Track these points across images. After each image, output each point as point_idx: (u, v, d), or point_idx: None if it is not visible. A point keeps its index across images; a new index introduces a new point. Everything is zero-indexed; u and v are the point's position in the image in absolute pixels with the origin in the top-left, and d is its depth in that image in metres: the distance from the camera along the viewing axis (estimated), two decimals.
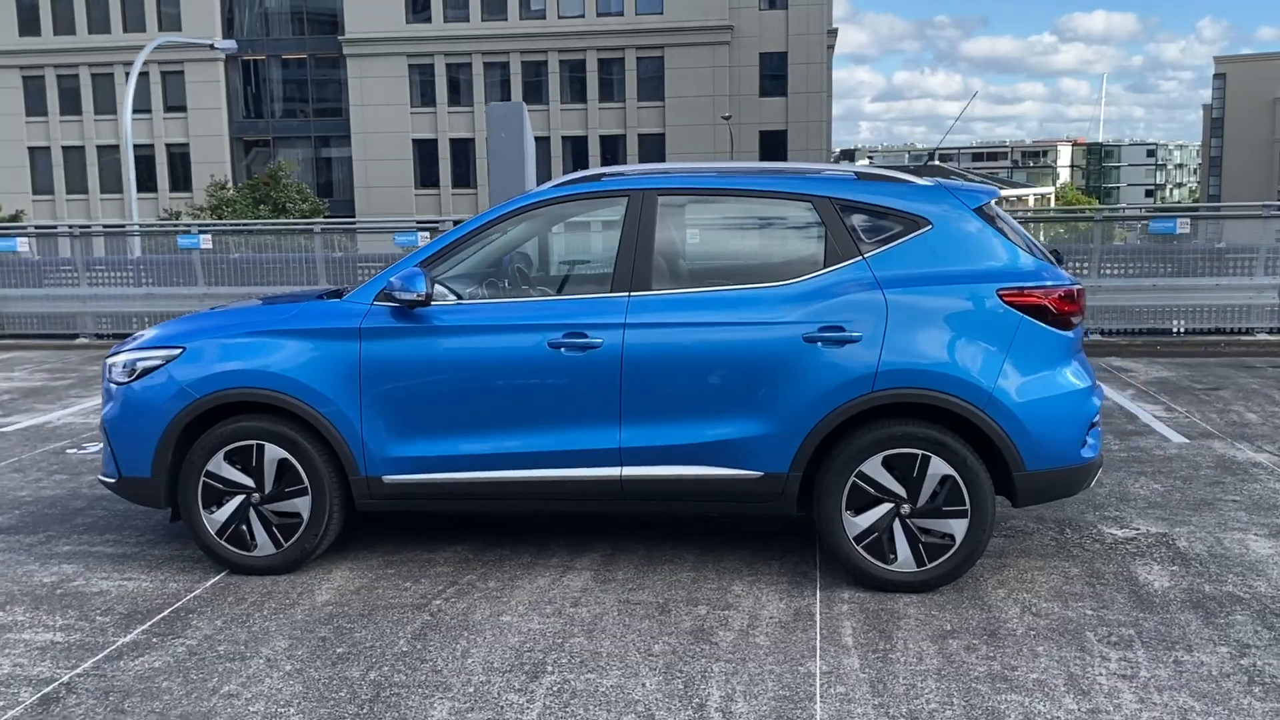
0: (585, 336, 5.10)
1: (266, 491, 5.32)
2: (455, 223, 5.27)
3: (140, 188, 57.18)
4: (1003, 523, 6.05)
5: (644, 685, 4.17)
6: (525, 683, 4.20)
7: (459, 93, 54.66)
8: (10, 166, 57.07)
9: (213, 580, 5.32)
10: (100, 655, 4.48)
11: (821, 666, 4.31)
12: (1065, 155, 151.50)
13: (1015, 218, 8.40)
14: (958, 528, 4.99)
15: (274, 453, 5.28)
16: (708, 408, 5.07)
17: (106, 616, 4.89)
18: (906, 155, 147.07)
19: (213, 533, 5.35)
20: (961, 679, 4.18)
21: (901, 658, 4.38)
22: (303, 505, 5.31)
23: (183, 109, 56.70)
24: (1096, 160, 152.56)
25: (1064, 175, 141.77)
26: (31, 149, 57.16)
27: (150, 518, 6.23)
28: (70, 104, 56.68)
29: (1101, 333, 13.25)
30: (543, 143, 54.71)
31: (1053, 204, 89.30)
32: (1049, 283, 5.04)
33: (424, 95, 54.88)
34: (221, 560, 5.39)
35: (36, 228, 28.84)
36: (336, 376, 5.21)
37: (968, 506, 4.96)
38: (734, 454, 5.07)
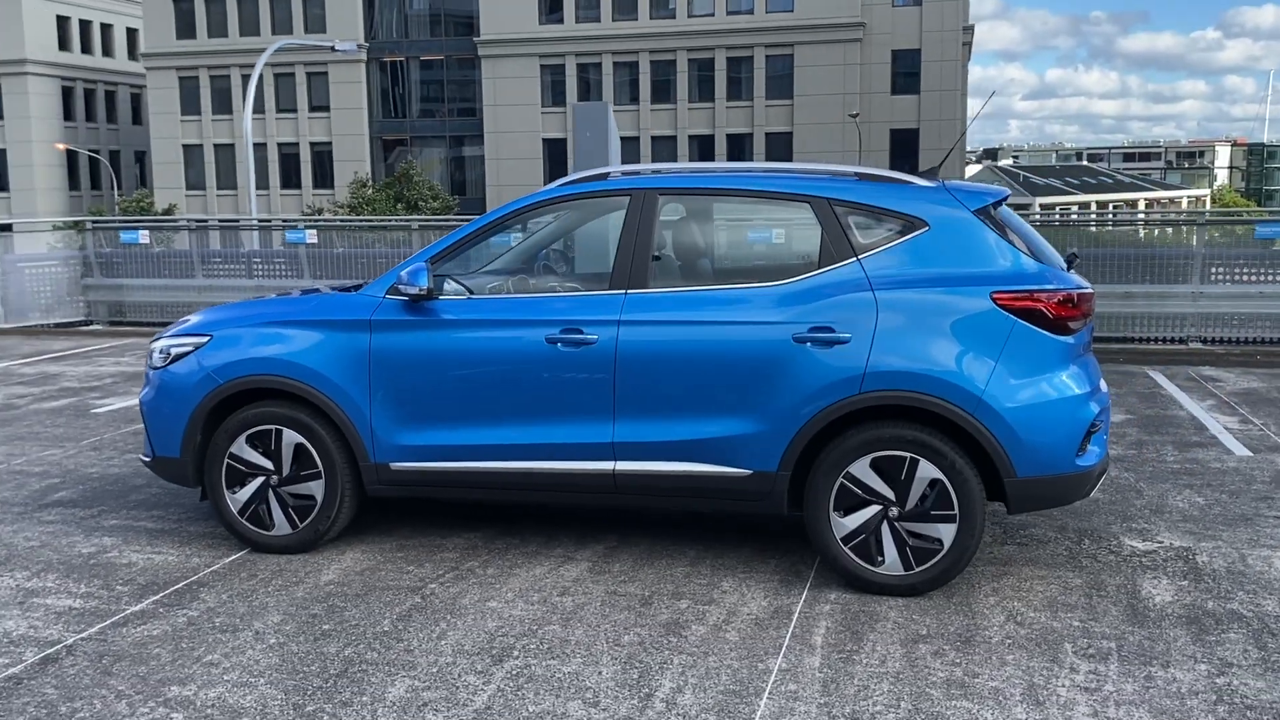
0: (581, 333, 5.22)
1: (284, 474, 5.58)
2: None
3: (285, 184, 59.71)
4: (1019, 531, 5.95)
5: (600, 673, 4.27)
6: (488, 665, 4.34)
7: (588, 92, 55.27)
8: (167, 163, 60.09)
9: (233, 557, 5.61)
10: (108, 622, 4.79)
11: (781, 664, 4.34)
12: (1224, 156, 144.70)
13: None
14: (946, 532, 4.94)
15: (291, 437, 5.54)
16: (698, 405, 5.13)
17: (126, 586, 5.22)
18: (1054, 155, 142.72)
19: (235, 512, 5.64)
20: (917, 683, 4.16)
21: (865, 659, 4.37)
22: (317, 488, 5.56)
23: (326, 109, 58.79)
24: (1259, 161, 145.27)
25: (1222, 177, 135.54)
26: (186, 146, 60.05)
27: (194, 496, 6.58)
28: (221, 103, 59.35)
29: (1202, 341, 12.75)
30: (669, 141, 55.03)
31: (1208, 207, 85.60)
32: (1047, 286, 4.95)
33: (555, 95, 55.73)
34: (243, 539, 5.68)
35: (192, 220, 30.24)
36: (348, 366, 5.44)
37: (956, 511, 4.91)
38: (724, 451, 5.12)
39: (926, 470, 4.92)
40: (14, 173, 62.41)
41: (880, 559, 5.01)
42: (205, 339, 5.67)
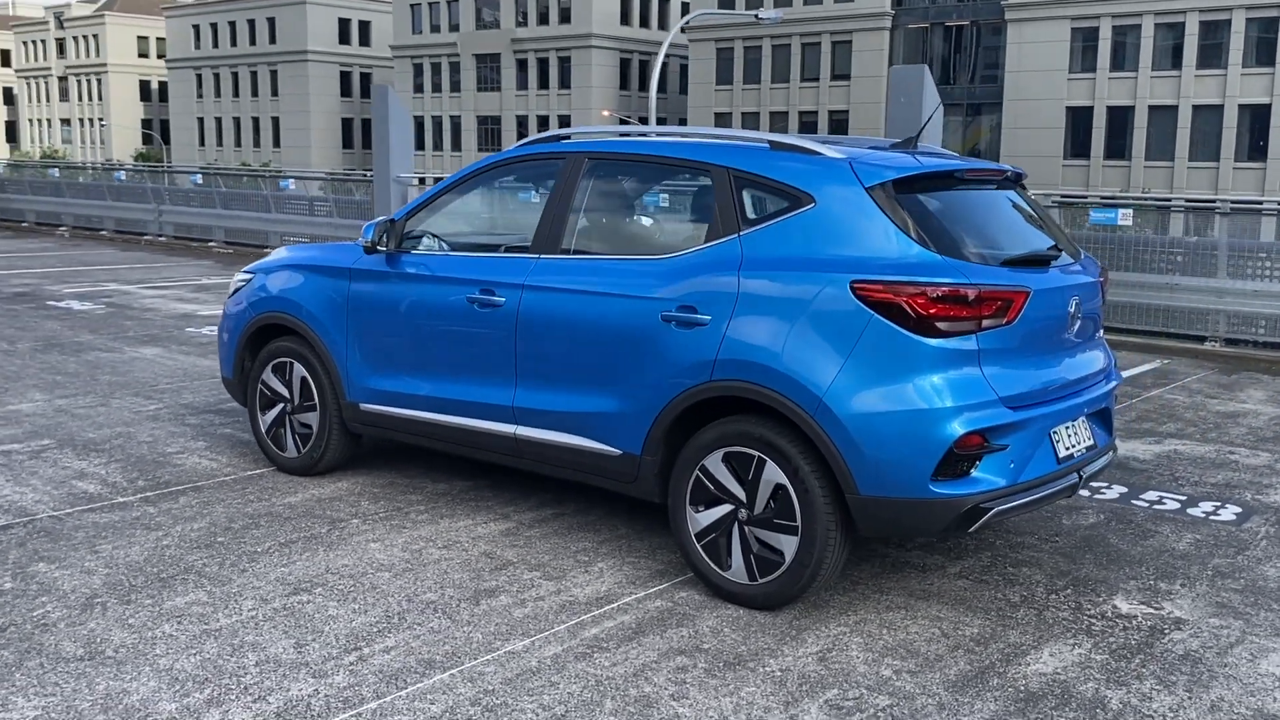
0: (493, 294, 5.24)
1: (295, 403, 6.18)
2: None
3: None
4: (1005, 567, 5.07)
5: (351, 622, 4.36)
6: (278, 594, 4.60)
7: (1122, 57, 50.90)
8: None
9: (253, 472, 6.31)
10: (88, 506, 5.66)
11: (516, 647, 4.17)
12: None
13: None
14: (788, 544, 4.41)
15: (299, 371, 6.11)
16: (580, 377, 4.97)
17: (147, 482, 6.09)
18: None
19: (263, 431, 6.35)
20: (607, 690, 3.83)
21: (603, 660, 4.07)
22: (313, 419, 6.09)
23: (847, 77, 59.44)
24: None
25: None
26: (717, 114, 63.61)
27: None
28: (751, 73, 62.00)
29: None
30: (1213, 111, 49.17)
31: None
32: (912, 279, 4.18)
33: (1084, 60, 51.99)
34: (267, 456, 6.38)
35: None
36: (334, 309, 5.89)
37: (798, 522, 4.36)
38: (600, 428, 4.92)
39: (772, 473, 4.41)
40: None
41: (728, 562, 4.58)
42: (250, 277, 6.40)
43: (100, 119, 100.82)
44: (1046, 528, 5.65)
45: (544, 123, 71.45)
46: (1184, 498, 6.21)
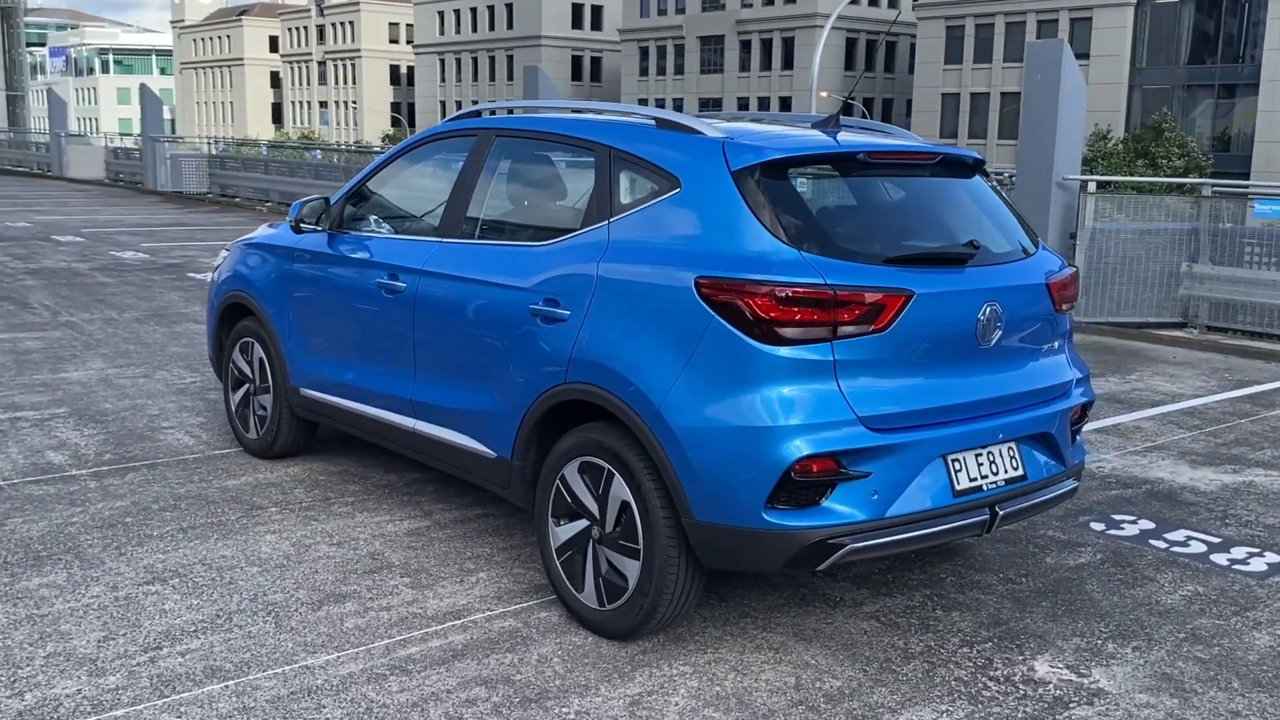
0: (397, 280, 4.94)
1: (256, 385, 6.07)
2: None
3: (1001, 135, 57.92)
4: (927, 612, 4.40)
5: (179, 618, 4.16)
6: (129, 583, 4.44)
7: None
8: (925, 111, 61.87)
9: (221, 452, 6.26)
10: (38, 478, 5.70)
11: (319, 661, 3.87)
12: None
13: None
14: (631, 569, 3.93)
15: (258, 352, 6.00)
16: (464, 371, 4.62)
17: (113, 455, 6.10)
18: None
19: (233, 412, 6.28)
20: (357, 694, 3.49)
21: (392, 683, 3.72)
22: (267, 402, 5.97)
23: (1085, 56, 55.84)
24: None
25: None
26: (944, 95, 61.19)
27: None
28: (982, 53, 59.32)
29: None
30: None
31: None
32: (762, 277, 3.60)
33: None
34: (236, 437, 6.32)
35: None
36: (278, 290, 5.73)
37: (640, 545, 3.87)
38: (478, 426, 4.56)
39: (619, 489, 3.94)
40: None
41: (582, 584, 4.13)
42: (226, 254, 6.33)
43: (353, 102, 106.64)
44: (1020, 566, 4.89)
45: (764, 105, 70.66)
46: (1217, 540, 5.28)
